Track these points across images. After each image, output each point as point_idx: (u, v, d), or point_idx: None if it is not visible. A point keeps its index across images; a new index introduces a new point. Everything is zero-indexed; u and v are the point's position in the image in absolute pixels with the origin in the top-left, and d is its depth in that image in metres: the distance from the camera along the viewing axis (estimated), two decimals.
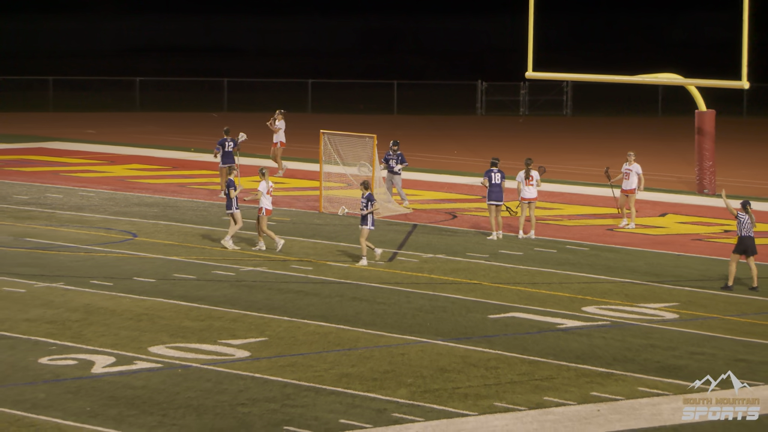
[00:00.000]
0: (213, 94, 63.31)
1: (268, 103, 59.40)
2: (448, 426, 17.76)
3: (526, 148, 48.68)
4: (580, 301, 25.09)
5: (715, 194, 38.10)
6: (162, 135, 51.44)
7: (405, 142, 37.92)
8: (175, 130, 53.36)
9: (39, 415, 17.66)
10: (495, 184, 30.55)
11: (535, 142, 52.37)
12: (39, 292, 24.69)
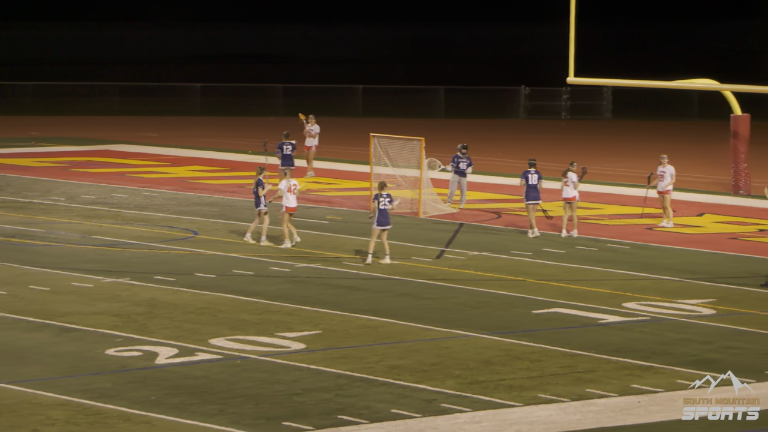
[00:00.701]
0: (269, 100, 63.45)
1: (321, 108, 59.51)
2: (494, 416, 17.72)
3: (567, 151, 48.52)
4: (619, 297, 24.98)
5: (750, 195, 37.80)
6: (221, 138, 51.60)
7: (451, 144, 37.82)
8: (233, 134, 53.51)
9: (105, 404, 17.77)
10: (532, 185, 30.51)
11: (576, 145, 52.14)
12: (105, 286, 24.84)
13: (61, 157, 44.69)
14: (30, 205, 34.17)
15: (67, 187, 37.66)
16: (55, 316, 22.41)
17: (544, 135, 56.88)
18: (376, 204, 26.98)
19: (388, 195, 27.02)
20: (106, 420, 17.14)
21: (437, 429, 17.16)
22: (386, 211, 26.94)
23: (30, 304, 23.26)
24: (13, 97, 62.61)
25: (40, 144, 48.43)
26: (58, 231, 30.49)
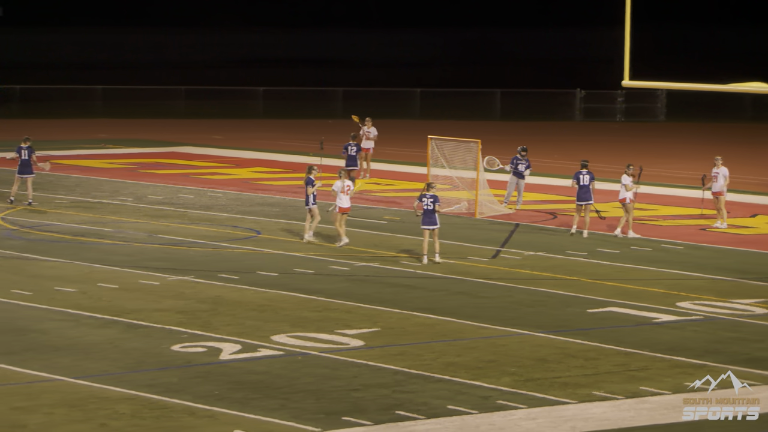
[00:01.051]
0: (329, 103, 63.64)
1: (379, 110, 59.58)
2: (549, 413, 17.67)
3: (621, 153, 48.27)
4: (673, 297, 24.83)
5: None
6: (282, 140, 51.81)
7: (508, 147, 37.75)
8: (294, 136, 53.70)
9: (171, 398, 17.89)
10: (583, 186, 30.43)
11: (631, 147, 51.85)
12: (171, 284, 25.00)
13: (129, 159, 45.07)
14: (99, 205, 34.47)
15: (134, 187, 37.96)
16: (122, 313, 22.59)
17: (599, 137, 56.64)
18: (419, 203, 26.83)
19: (431, 196, 26.79)
20: (171, 414, 17.26)
21: (493, 425, 17.14)
22: (431, 212, 26.74)
23: (98, 301, 23.46)
24: (83, 100, 63.25)
25: (109, 146, 48.86)
26: (126, 230, 30.73)
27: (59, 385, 18.39)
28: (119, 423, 16.87)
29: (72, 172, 40.92)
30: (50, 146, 47.80)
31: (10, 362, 19.41)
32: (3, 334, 21.06)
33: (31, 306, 22.92)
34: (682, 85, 45.73)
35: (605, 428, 17.13)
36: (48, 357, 19.74)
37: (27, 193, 33.51)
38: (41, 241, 29.22)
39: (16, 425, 16.72)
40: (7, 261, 26.78)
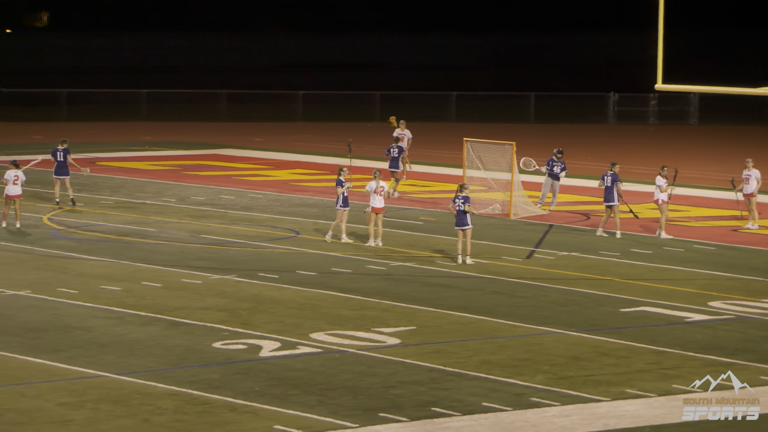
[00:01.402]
0: (366, 106, 63.70)
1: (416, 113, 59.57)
2: (582, 410, 17.62)
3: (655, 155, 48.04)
4: (705, 296, 24.70)
5: None
6: (321, 143, 51.90)
7: (542, 149, 37.68)
8: (332, 139, 53.79)
9: (212, 394, 17.96)
10: (607, 187, 30.43)
11: (664, 150, 51.63)
12: (213, 283, 25.09)
13: (173, 161, 45.26)
14: (143, 206, 34.64)
15: (177, 188, 38.12)
16: (165, 310, 22.69)
17: (632, 140, 56.41)
18: (453, 205, 26.79)
19: (463, 197, 26.68)
20: (213, 410, 17.32)
21: (527, 422, 17.11)
22: (463, 212, 26.67)
23: (142, 299, 23.57)
24: (128, 104, 63.59)
25: (153, 148, 49.10)
26: (169, 230, 30.87)
27: (104, 381, 18.50)
28: (162, 418, 16.95)
29: (117, 174, 41.15)
30: (96, 148, 48.15)
31: (56, 359, 19.54)
32: (49, 331, 21.21)
33: (77, 304, 23.07)
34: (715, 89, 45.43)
35: (637, 425, 17.08)
36: (93, 354, 19.86)
37: (67, 194, 33.71)
38: (87, 240, 29.40)
39: (63, 420, 16.83)
40: (54, 260, 26.96)
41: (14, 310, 22.53)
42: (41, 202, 34.41)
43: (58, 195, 33.90)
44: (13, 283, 24.59)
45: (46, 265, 26.36)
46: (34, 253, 27.67)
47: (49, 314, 22.30)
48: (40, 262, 26.73)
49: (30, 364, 19.27)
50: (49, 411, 17.16)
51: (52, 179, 34.43)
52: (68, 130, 55.89)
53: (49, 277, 25.28)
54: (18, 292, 23.84)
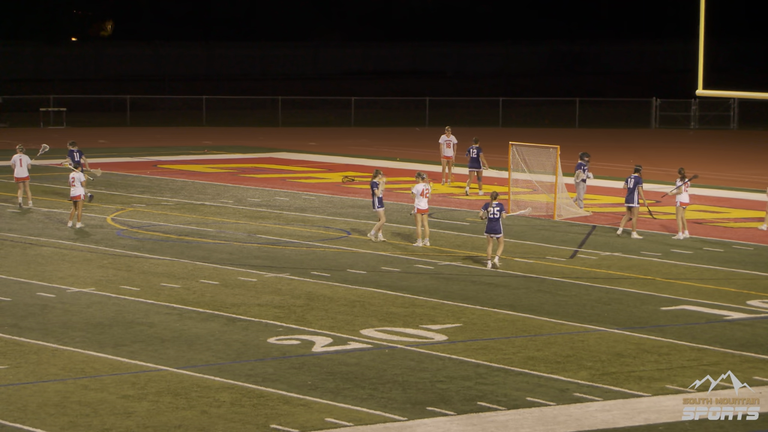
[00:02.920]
0: (417, 112, 63.69)
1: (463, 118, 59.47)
2: (623, 405, 17.55)
3: (695, 159, 47.68)
4: (744, 295, 24.51)
5: None
6: (373, 147, 51.96)
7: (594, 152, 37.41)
8: (384, 143, 53.85)
9: (267, 387, 18.03)
10: (629, 189, 30.39)
11: (704, 153, 51.27)
12: (268, 281, 25.19)
13: (230, 164, 45.50)
14: (202, 207, 34.84)
15: (235, 190, 38.31)
16: (223, 307, 22.81)
17: (674, 144, 56.02)
18: (484, 212, 26.18)
19: (498, 204, 26.29)
20: (268, 402, 17.39)
21: (570, 416, 17.05)
22: (496, 219, 26.23)
23: (201, 296, 23.71)
24: (188, 110, 63.99)
25: (212, 152, 49.37)
26: (227, 230, 31.02)
27: (165, 374, 18.62)
28: (220, 410, 17.05)
29: (177, 176, 41.41)
30: (158, 152, 48.50)
31: (119, 353, 19.70)
32: (113, 326, 21.38)
33: (140, 301, 23.24)
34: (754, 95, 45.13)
35: (677, 420, 16.97)
36: (155, 348, 20.00)
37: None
38: (149, 240, 29.61)
39: (125, 412, 16.96)
40: (118, 259, 27.18)
41: (79, 307, 22.74)
42: (106, 204, 34.69)
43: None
44: (79, 281, 24.81)
45: (110, 264, 26.59)
46: (99, 252, 27.91)
47: (113, 310, 22.48)
48: (105, 260, 26.96)
49: (94, 358, 19.43)
50: (112, 403, 17.29)
51: (115, 182, 34.68)
52: (131, 134, 56.40)
53: (113, 274, 25.49)
54: (83, 290, 24.06)
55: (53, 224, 31.33)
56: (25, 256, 27.27)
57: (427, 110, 62.39)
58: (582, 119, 62.57)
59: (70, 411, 16.92)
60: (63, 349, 19.83)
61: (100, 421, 16.54)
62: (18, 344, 20.09)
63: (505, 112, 62.52)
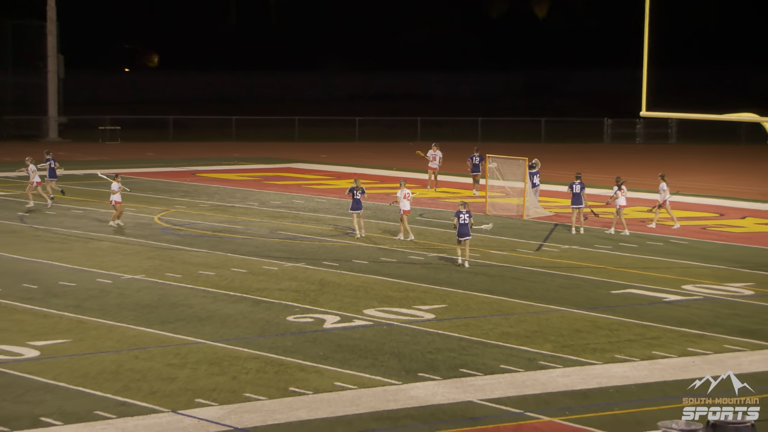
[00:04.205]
0: (410, 129, 63.69)
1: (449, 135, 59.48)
2: (581, 371, 17.61)
3: (640, 169, 47.69)
4: (680, 281, 24.58)
5: None
6: (374, 159, 51.96)
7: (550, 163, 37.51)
8: (382, 155, 53.84)
9: (287, 357, 18.07)
10: (576, 193, 30.36)
11: (647, 164, 51.31)
12: (287, 270, 25.23)
13: (255, 173, 45.51)
14: (232, 209, 34.87)
15: (259, 195, 38.34)
16: (250, 291, 22.86)
17: (622, 156, 56.04)
18: (456, 219, 25.22)
19: (467, 211, 25.41)
20: (287, 370, 17.44)
21: (537, 381, 17.12)
22: (466, 224, 25.17)
23: (232, 282, 23.76)
24: (220, 128, 63.99)
25: (241, 162, 49.39)
26: (253, 228, 31.07)
27: (202, 347, 18.68)
28: (248, 376, 17.10)
29: (212, 183, 41.44)
30: (195, 163, 48.50)
31: (164, 329, 19.76)
32: (159, 307, 21.44)
33: (181, 286, 23.29)
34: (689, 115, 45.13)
35: (625, 383, 17.05)
36: (193, 325, 20.05)
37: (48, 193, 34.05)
38: (188, 236, 29.66)
39: (169, 378, 17.01)
40: (163, 251, 27.23)
41: (131, 291, 22.79)
42: (153, 206, 34.73)
43: (51, 193, 34.31)
44: (130, 269, 24.87)
45: (156, 255, 26.63)
46: (147, 245, 27.97)
47: (158, 294, 22.54)
48: (152, 252, 27.00)
49: (144, 333, 19.50)
50: (158, 370, 17.35)
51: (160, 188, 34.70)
52: (174, 148, 56.41)
53: (159, 264, 25.54)
54: (134, 276, 24.11)
55: (107, 224, 31.36)
56: (86, 249, 27.33)
57: (418, 128, 62.40)
58: (547, 135, 62.62)
59: (124, 377, 16.98)
60: (118, 326, 19.90)
61: (148, 385, 16.60)
62: (80, 322, 20.16)
63: (483, 130, 62.55)
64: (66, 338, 19.01)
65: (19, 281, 23.41)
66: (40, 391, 16.25)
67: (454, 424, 15.14)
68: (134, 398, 15.93)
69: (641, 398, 16.34)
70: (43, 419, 15.09)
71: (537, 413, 15.57)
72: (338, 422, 15.12)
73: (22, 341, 18.76)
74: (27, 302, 21.53)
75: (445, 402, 15.97)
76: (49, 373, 17.05)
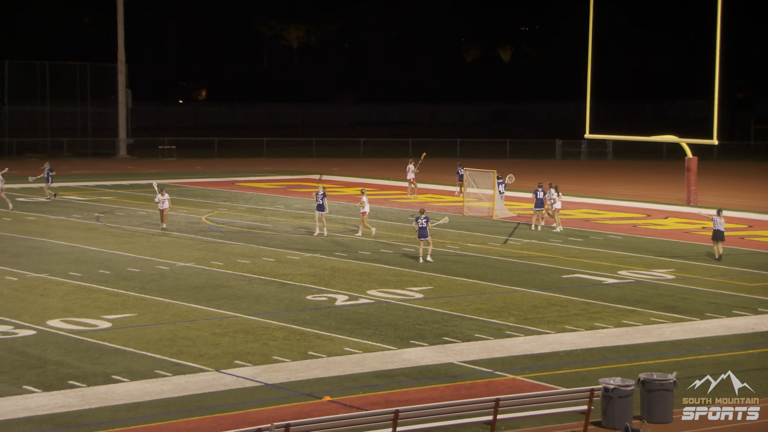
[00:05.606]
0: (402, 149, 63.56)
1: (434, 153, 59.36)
2: (538, 339, 17.54)
3: (584, 179, 47.52)
4: (616, 267, 24.49)
5: (696, 206, 36.69)
6: (375, 171, 51.80)
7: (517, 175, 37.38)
8: (382, 168, 53.64)
9: (306, 328, 18.01)
10: (538, 199, 30.24)
11: (590, 175, 51.21)
12: (306, 258, 25.11)
13: (281, 182, 45.36)
14: (263, 210, 34.75)
15: (285, 200, 38.21)
16: (277, 275, 22.77)
17: (571, 170, 55.93)
18: (416, 223, 24.29)
19: (425, 217, 24.48)
20: (306, 338, 17.38)
21: (503, 347, 17.04)
22: (424, 228, 24.14)
23: (263, 268, 23.66)
24: (254, 147, 63.87)
25: (270, 174, 49.25)
26: (280, 226, 30.96)
27: (240, 320, 18.61)
28: (276, 343, 17.04)
29: (247, 190, 41.33)
30: (235, 175, 48.35)
31: (210, 306, 19.68)
32: (206, 288, 21.36)
33: (223, 272, 23.20)
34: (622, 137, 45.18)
35: (573, 348, 16.98)
36: (232, 303, 19.98)
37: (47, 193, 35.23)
38: (229, 232, 29.56)
39: (213, 343, 16.95)
40: (209, 244, 27.14)
41: (184, 275, 22.71)
42: (201, 208, 34.63)
43: (48, 195, 35.28)
44: (183, 258, 24.79)
45: (204, 247, 26.54)
46: (197, 239, 27.88)
47: (205, 278, 22.46)
48: (201, 245, 26.91)
49: (194, 309, 19.42)
50: (205, 338, 17.29)
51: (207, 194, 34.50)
52: (218, 163, 56.27)
53: (205, 254, 25.45)
54: (186, 264, 24.02)
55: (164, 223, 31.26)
56: (148, 242, 27.24)
57: (410, 147, 62.32)
58: (511, 153, 62.51)
59: (178, 343, 16.93)
60: (173, 303, 19.83)
61: (197, 349, 16.54)
62: (143, 300, 20.08)
63: (461, 149, 62.45)
64: (132, 313, 18.94)
65: (96, 268, 23.33)
66: (111, 354, 16.18)
67: (439, 380, 15.08)
68: (186, 360, 15.86)
69: (586, 360, 16.27)
70: (114, 377, 15.02)
71: (503, 372, 15.51)
72: (347, 379, 15.05)
73: (98, 315, 18.69)
74: (102, 284, 21.45)
75: (432, 363, 15.89)
76: (119, 340, 16.99)
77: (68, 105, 59.63)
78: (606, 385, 12.84)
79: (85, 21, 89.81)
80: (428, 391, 14.41)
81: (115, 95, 58.69)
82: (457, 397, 13.99)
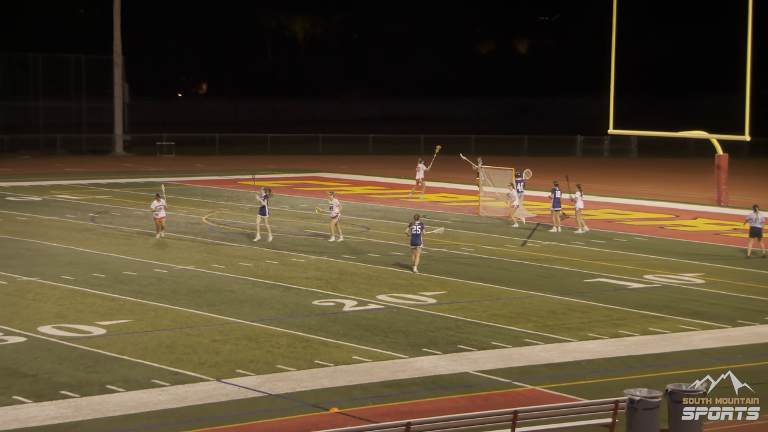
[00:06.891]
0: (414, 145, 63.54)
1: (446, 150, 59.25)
2: (558, 347, 17.48)
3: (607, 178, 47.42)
4: (641, 271, 24.40)
5: (727, 206, 36.56)
6: (384, 169, 51.80)
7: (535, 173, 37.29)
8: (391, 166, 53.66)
9: (312, 335, 17.99)
10: (556, 198, 30.16)
11: (613, 173, 51.10)
12: (312, 261, 25.13)
13: (287, 180, 45.42)
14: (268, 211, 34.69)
15: (290, 199, 38.25)
16: (282, 279, 22.77)
17: (592, 168, 55.79)
18: (409, 230, 23.57)
19: (420, 224, 23.97)
20: (312, 345, 17.35)
21: (521, 355, 16.99)
22: (417, 235, 23.47)
23: (267, 271, 23.67)
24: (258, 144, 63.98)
25: (275, 172, 49.31)
26: (284, 226, 30.97)
27: (242, 325, 18.60)
28: (280, 350, 17.02)
29: (250, 190, 41.28)
30: (237, 173, 48.44)
31: (211, 311, 19.69)
32: (207, 292, 21.36)
33: (224, 275, 23.22)
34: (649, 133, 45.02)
35: (595, 357, 16.90)
36: (235, 307, 19.98)
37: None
38: (230, 233, 29.59)
39: (215, 351, 16.95)
40: (210, 246, 27.17)
41: (184, 279, 22.73)
42: (201, 208, 34.66)
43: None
44: (183, 261, 24.81)
45: (204, 249, 26.57)
46: (197, 241, 27.90)
47: (206, 281, 22.47)
48: (201, 247, 26.95)
49: (194, 315, 19.43)
50: (206, 344, 17.28)
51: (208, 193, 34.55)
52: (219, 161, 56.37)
53: (206, 257, 25.48)
54: (186, 267, 24.05)
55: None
56: (146, 244, 27.28)
57: (422, 144, 62.28)
58: (529, 151, 62.42)
59: (177, 350, 16.92)
60: (172, 308, 19.83)
61: (197, 357, 16.53)
62: (141, 304, 20.10)
63: (476, 146, 62.38)
64: (129, 318, 18.95)
65: (91, 271, 23.37)
66: (107, 362, 16.18)
67: (453, 390, 15.02)
68: (185, 369, 15.84)
69: (609, 369, 16.19)
70: (109, 387, 15.01)
71: (521, 382, 15.43)
72: (355, 389, 15.00)
73: (93, 321, 18.71)
74: (97, 288, 21.48)
75: (445, 372, 15.85)
76: (115, 347, 16.98)
77: (62, 99, 59.84)
78: (631, 396, 12.74)
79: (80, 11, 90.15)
80: (441, 402, 14.35)
81: (111, 89, 58.83)
82: (472, 408, 13.93)
